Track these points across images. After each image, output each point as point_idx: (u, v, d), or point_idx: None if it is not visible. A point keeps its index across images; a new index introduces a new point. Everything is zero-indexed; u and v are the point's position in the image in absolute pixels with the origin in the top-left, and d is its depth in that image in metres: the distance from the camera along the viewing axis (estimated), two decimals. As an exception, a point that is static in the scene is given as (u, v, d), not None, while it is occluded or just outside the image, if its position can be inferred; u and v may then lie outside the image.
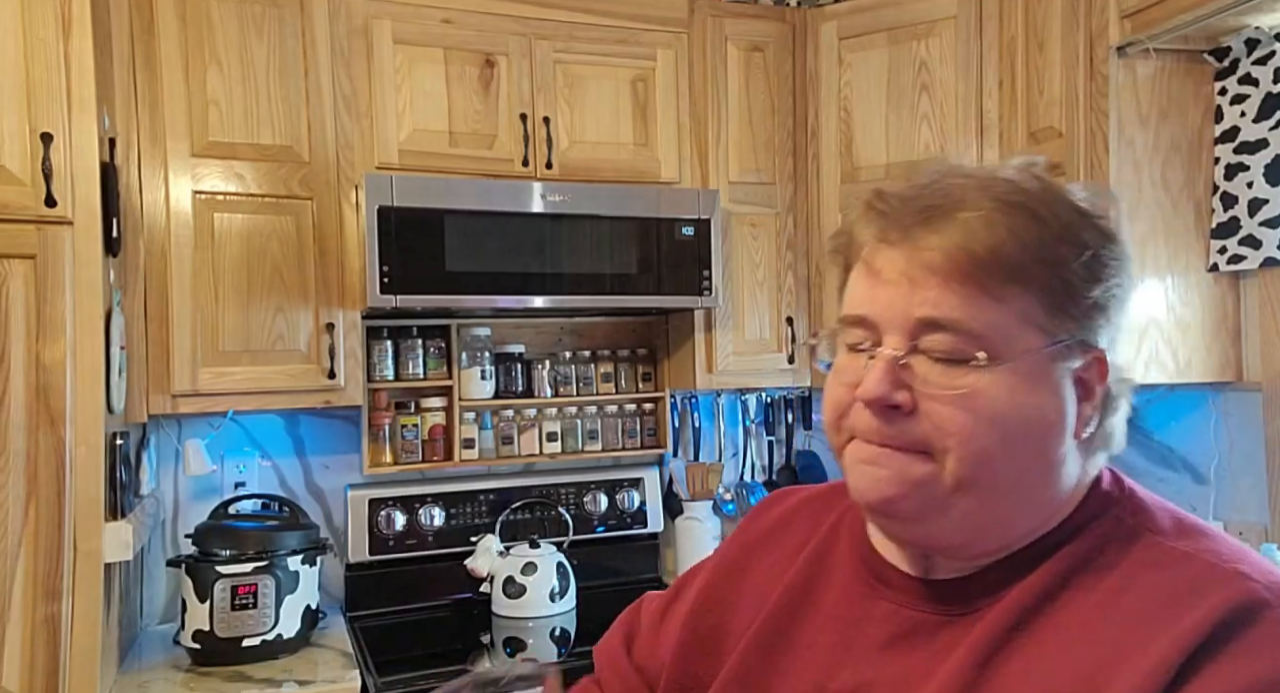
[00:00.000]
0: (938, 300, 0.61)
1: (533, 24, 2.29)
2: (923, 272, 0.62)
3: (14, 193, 1.61)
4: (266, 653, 1.95)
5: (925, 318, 0.61)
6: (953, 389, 0.61)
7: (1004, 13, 2.24)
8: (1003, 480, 0.62)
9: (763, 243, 2.52)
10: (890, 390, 0.62)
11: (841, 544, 0.77)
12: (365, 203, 2.04)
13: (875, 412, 0.63)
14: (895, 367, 0.62)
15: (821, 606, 0.74)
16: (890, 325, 0.63)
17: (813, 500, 0.85)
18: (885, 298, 0.64)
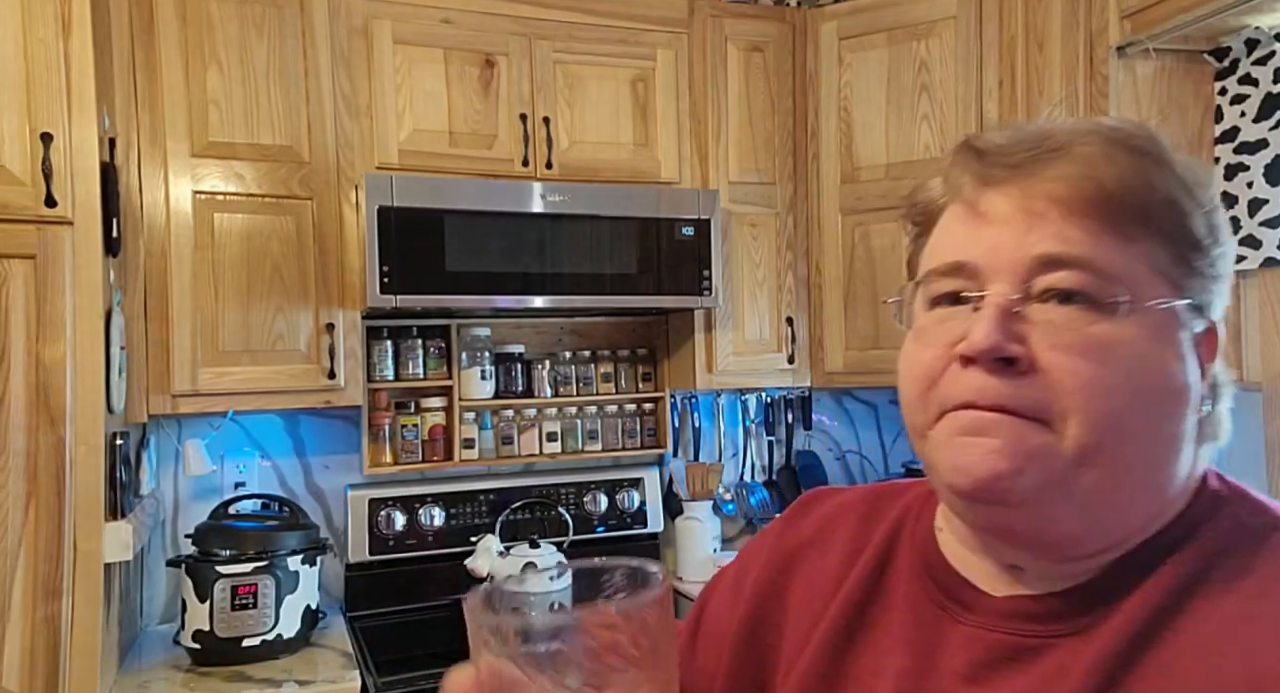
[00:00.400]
0: (1062, 235, 0.53)
1: (532, 24, 2.29)
2: (1043, 203, 0.54)
3: (14, 193, 1.60)
4: (266, 653, 1.95)
5: (1047, 255, 0.53)
6: (1081, 337, 0.52)
7: (1004, 13, 2.24)
8: (1131, 452, 0.53)
9: (763, 243, 2.52)
10: (1004, 340, 0.52)
11: (902, 558, 0.66)
12: (365, 203, 2.04)
13: (986, 367, 0.53)
14: (1008, 314, 0.53)
15: (885, 629, 0.63)
16: (997, 269, 0.54)
17: (856, 506, 0.73)
18: (992, 239, 0.55)
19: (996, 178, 0.56)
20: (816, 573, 0.70)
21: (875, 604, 0.65)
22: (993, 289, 0.54)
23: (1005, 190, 0.55)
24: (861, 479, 2.93)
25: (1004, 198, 0.55)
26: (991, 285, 0.54)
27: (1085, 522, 0.55)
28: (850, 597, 0.66)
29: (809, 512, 0.76)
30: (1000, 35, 2.26)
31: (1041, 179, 0.54)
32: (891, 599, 0.64)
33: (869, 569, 0.67)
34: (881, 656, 0.62)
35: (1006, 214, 0.55)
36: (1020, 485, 0.53)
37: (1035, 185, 0.54)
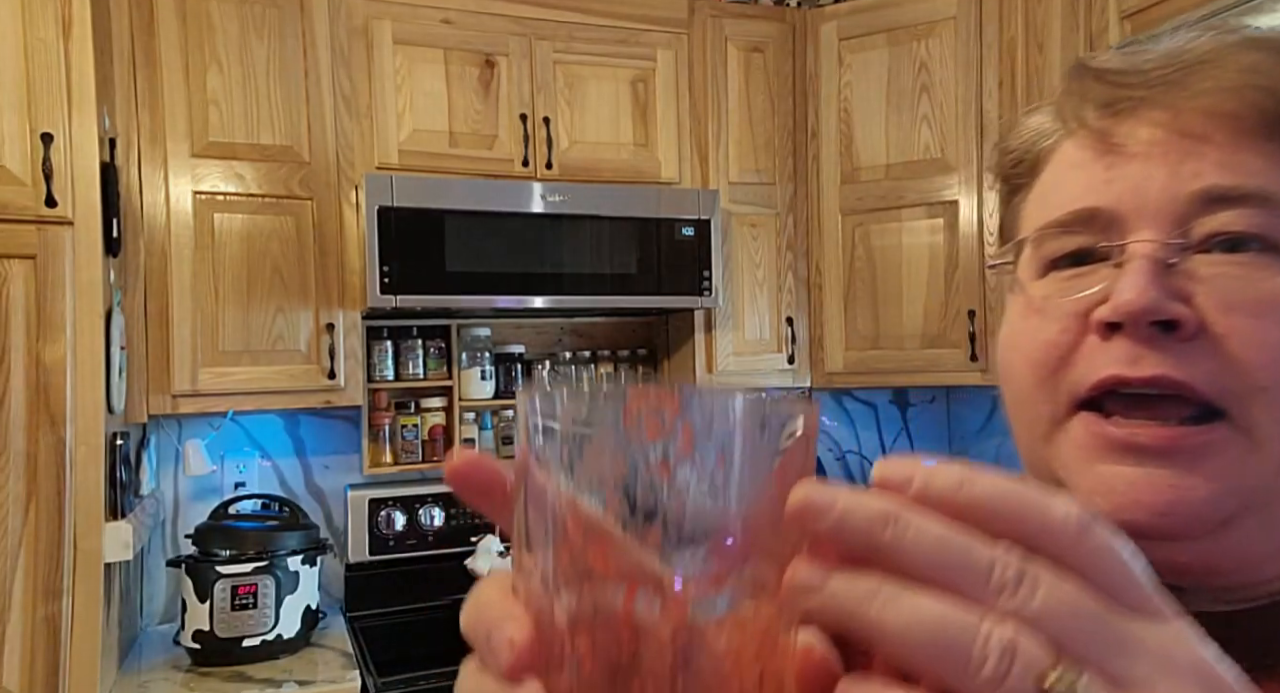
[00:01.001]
0: (1227, 163, 0.40)
1: (533, 24, 2.29)
2: (1203, 122, 0.41)
3: (14, 193, 1.61)
4: (266, 653, 1.95)
5: (1212, 189, 0.40)
6: (1264, 292, 0.39)
7: (1004, 13, 2.24)
8: None
9: (763, 243, 2.52)
10: (1164, 297, 0.39)
11: None
12: (365, 203, 2.04)
13: (1137, 335, 0.40)
14: (1163, 266, 0.40)
15: None
16: (1144, 214, 0.41)
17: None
18: (1134, 176, 0.42)
19: (1132, 100, 0.43)
20: None
21: None
22: (1138, 237, 0.41)
23: (1146, 114, 0.43)
24: (862, 479, 2.93)
25: (1147, 122, 0.43)
26: (1136, 234, 0.41)
27: (1276, 541, 0.41)
28: None
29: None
30: (1000, 35, 2.26)
31: (1197, 92, 0.42)
32: None
33: None
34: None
35: (1152, 142, 0.42)
36: (1202, 514, 0.40)
37: (1189, 99, 0.42)
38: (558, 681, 0.26)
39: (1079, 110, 0.45)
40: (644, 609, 0.25)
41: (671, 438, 0.26)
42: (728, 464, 0.26)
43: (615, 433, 0.26)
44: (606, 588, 0.26)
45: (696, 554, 0.26)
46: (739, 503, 0.26)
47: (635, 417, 0.26)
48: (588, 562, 0.26)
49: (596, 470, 0.26)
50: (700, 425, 0.26)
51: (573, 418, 0.27)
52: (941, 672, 0.23)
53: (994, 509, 0.24)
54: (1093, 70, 0.45)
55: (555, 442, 0.27)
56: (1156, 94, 0.43)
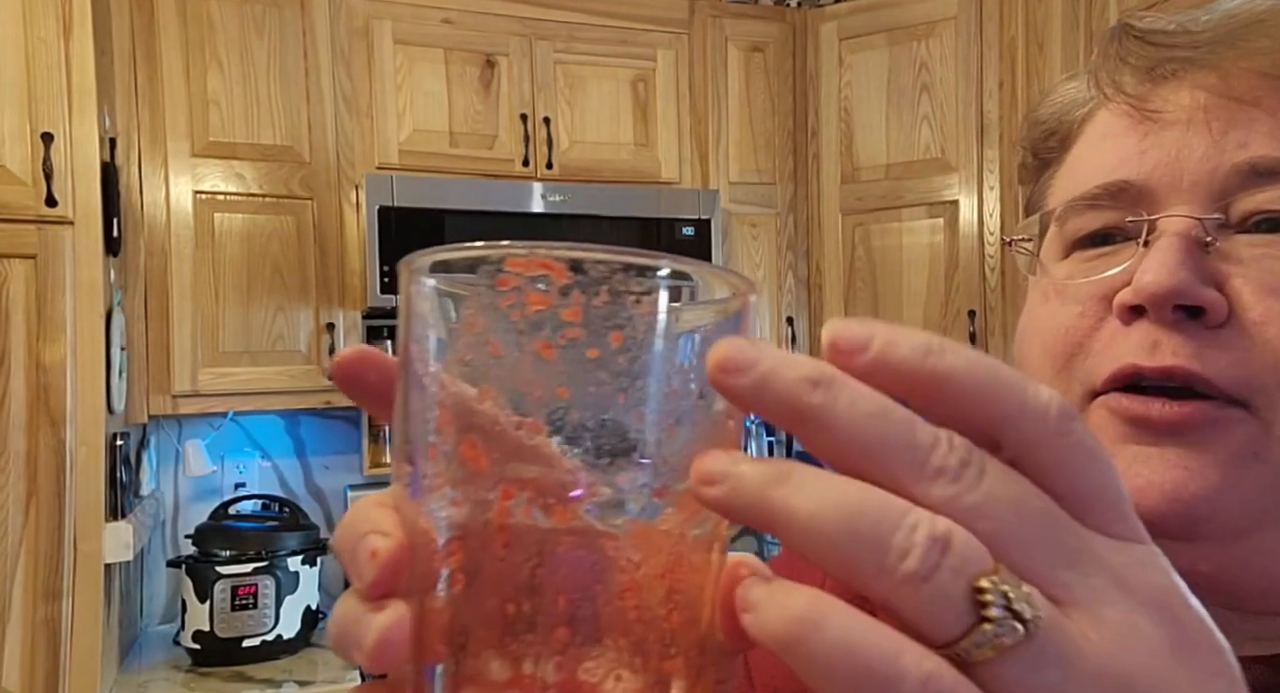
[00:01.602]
0: (1276, 132, 0.36)
1: (533, 24, 2.29)
2: (1252, 83, 0.37)
3: (14, 193, 1.60)
4: (266, 653, 1.95)
5: (1256, 160, 0.36)
6: None
7: (1004, 13, 2.24)
8: None
9: (763, 243, 2.52)
10: (1194, 280, 0.36)
11: None
12: (366, 203, 2.04)
13: (1162, 320, 0.36)
14: (1197, 246, 0.37)
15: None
16: (1180, 188, 0.38)
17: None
18: (1171, 147, 0.38)
19: (1177, 60, 0.39)
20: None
21: None
22: (1171, 212, 0.38)
23: (1191, 76, 0.39)
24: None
25: (1190, 87, 0.39)
26: (1170, 210, 0.38)
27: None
28: None
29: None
30: (1000, 35, 2.26)
31: (1248, 52, 0.37)
32: None
33: None
34: None
35: (1195, 107, 0.38)
36: (1225, 511, 0.36)
37: (1240, 60, 0.37)
38: (430, 600, 0.21)
39: (1116, 75, 0.41)
40: (527, 515, 0.21)
41: (556, 315, 0.21)
42: (634, 349, 0.21)
43: (492, 310, 0.22)
44: (484, 491, 0.21)
45: (600, 458, 0.21)
46: (652, 401, 0.21)
47: (513, 288, 0.21)
48: (463, 460, 0.21)
49: (476, 357, 0.22)
50: (597, 302, 0.21)
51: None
52: (854, 566, 0.18)
53: (964, 386, 0.20)
54: (1135, 30, 0.41)
55: (440, 325, 0.23)
56: (1204, 54, 0.38)
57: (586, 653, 0.21)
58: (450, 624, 0.21)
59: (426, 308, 0.24)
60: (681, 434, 0.21)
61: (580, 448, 0.21)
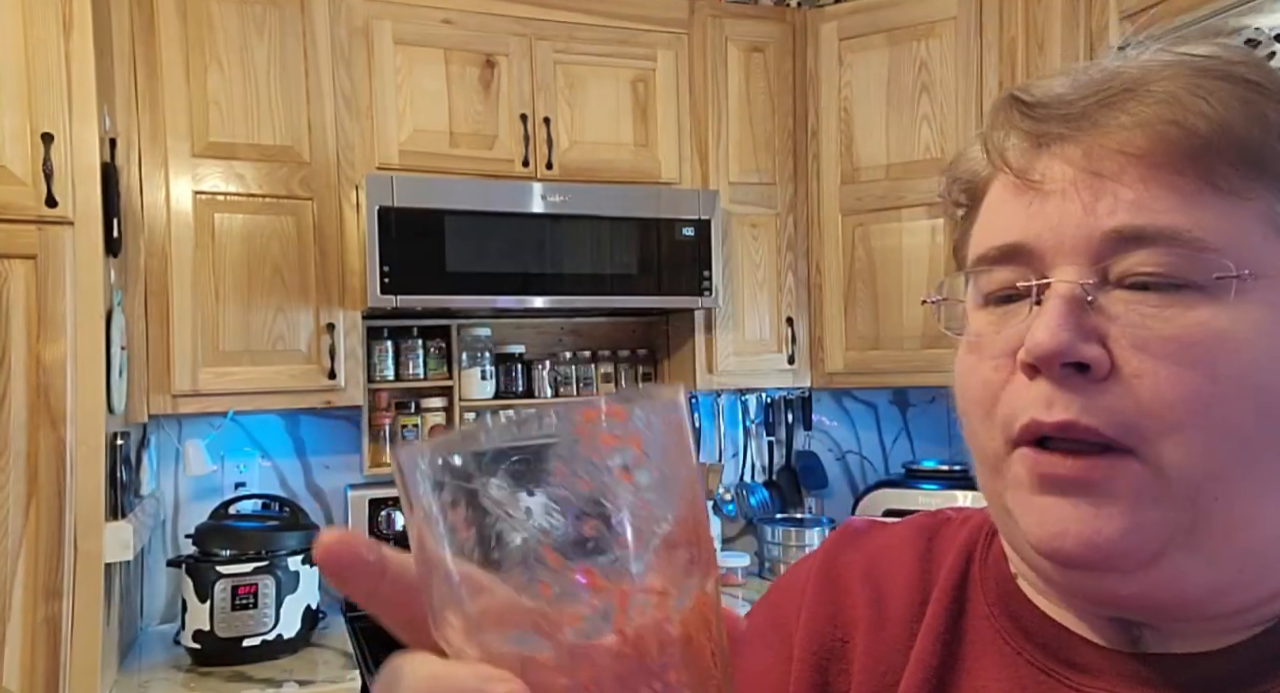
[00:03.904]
0: (1140, 201, 0.41)
1: (533, 24, 2.29)
2: (1114, 160, 0.41)
3: (14, 193, 1.61)
4: (267, 653, 1.95)
5: (1122, 228, 0.41)
6: (1177, 330, 0.40)
7: (1004, 13, 2.25)
8: (1266, 478, 0.41)
9: (763, 243, 2.52)
10: (1075, 338, 0.40)
11: (976, 609, 0.52)
12: (365, 203, 2.04)
13: (1054, 377, 0.41)
14: (1080, 306, 0.41)
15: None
16: (1062, 250, 0.42)
17: (911, 542, 0.59)
18: (1052, 213, 0.43)
19: (1051, 135, 0.44)
20: (879, 625, 0.55)
21: (955, 670, 0.51)
22: (1057, 274, 0.42)
23: (1063, 150, 0.43)
24: (861, 480, 2.93)
25: (1062, 159, 0.43)
26: (1056, 271, 0.42)
27: (1222, 573, 0.42)
28: (926, 661, 0.51)
29: (853, 547, 0.61)
30: (1000, 35, 2.26)
31: (1109, 129, 0.42)
32: (975, 664, 0.50)
33: (942, 625, 0.52)
34: None
35: (1069, 178, 0.43)
36: (1134, 548, 0.41)
37: (1102, 137, 0.42)
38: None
39: (1002, 146, 0.46)
40: (626, 621, 0.26)
41: (625, 446, 0.27)
42: (669, 462, 0.27)
43: (570, 449, 0.26)
44: (590, 618, 0.26)
45: (653, 554, 0.27)
46: (678, 497, 0.27)
47: (590, 430, 0.27)
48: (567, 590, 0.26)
49: (555, 492, 0.26)
50: (645, 431, 0.27)
51: (475, 462, 0.27)
52: None
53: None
54: (1019, 102, 0.45)
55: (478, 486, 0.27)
56: (1072, 130, 0.43)
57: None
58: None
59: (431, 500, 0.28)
60: (692, 518, 0.28)
61: (648, 553, 0.27)
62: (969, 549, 0.56)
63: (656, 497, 0.27)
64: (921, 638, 0.52)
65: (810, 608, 0.58)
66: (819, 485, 2.86)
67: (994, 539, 0.55)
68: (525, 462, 0.26)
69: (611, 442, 0.27)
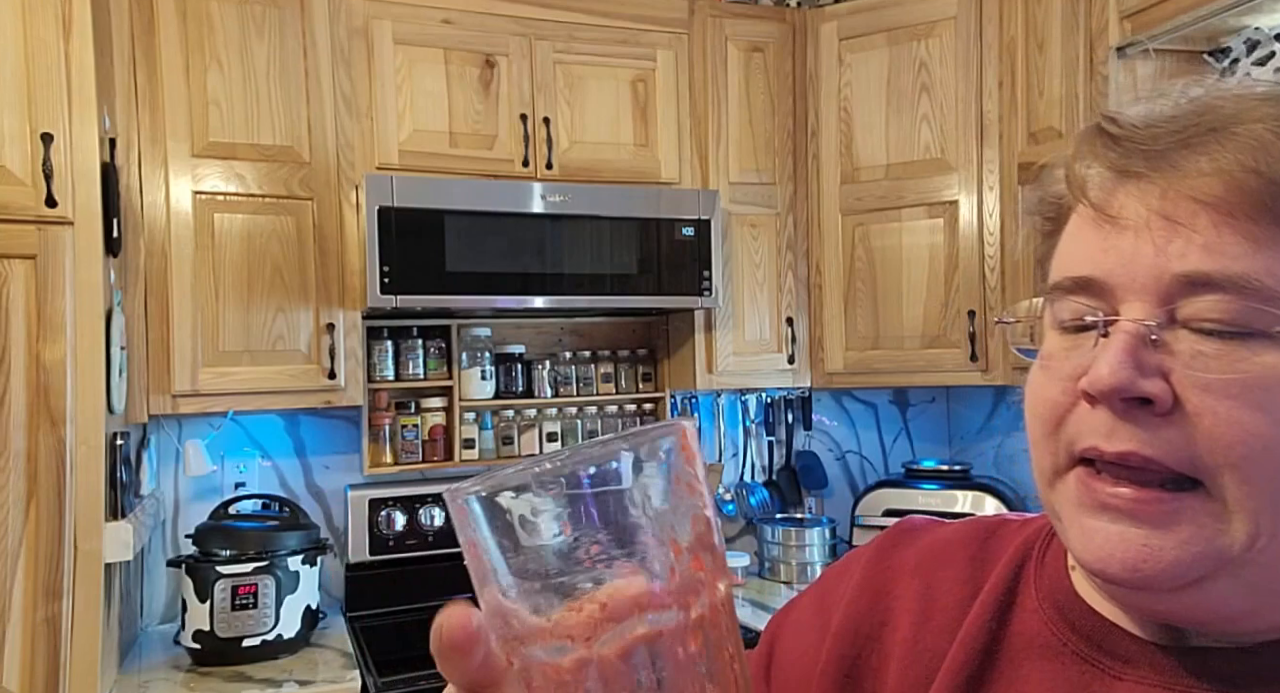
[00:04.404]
0: (1212, 246, 0.42)
1: (533, 24, 2.29)
2: (1188, 206, 0.43)
3: (14, 193, 1.61)
4: (267, 653, 1.95)
5: (1192, 273, 0.42)
6: (1241, 375, 0.41)
7: (1004, 13, 2.24)
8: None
9: (763, 243, 2.52)
10: (1135, 376, 0.42)
11: (1027, 603, 0.55)
12: (365, 203, 2.04)
13: (1114, 409, 0.43)
14: (1143, 343, 0.43)
15: (1017, 686, 0.52)
16: (1132, 288, 0.44)
17: (965, 543, 0.62)
18: (1126, 250, 0.44)
19: (1135, 170, 0.45)
20: (925, 612, 0.59)
21: (1000, 656, 0.54)
22: (1125, 311, 0.44)
23: (1142, 186, 0.44)
24: (861, 480, 2.93)
25: (1140, 198, 0.44)
26: (1126, 307, 0.44)
27: (1259, 598, 0.44)
28: (969, 645, 0.55)
29: (907, 542, 0.64)
30: (1000, 35, 2.26)
31: (1188, 173, 0.43)
32: (1020, 651, 0.53)
33: (990, 614, 0.55)
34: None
35: (1143, 218, 0.44)
36: (1171, 572, 0.43)
37: (1180, 181, 0.43)
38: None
39: (1083, 177, 0.47)
40: (665, 622, 0.32)
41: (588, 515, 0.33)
42: (650, 498, 0.33)
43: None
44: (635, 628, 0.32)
45: (671, 567, 0.33)
46: (663, 523, 0.33)
47: (572, 526, 0.32)
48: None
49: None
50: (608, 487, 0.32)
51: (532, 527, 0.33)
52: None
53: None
54: (1106, 133, 0.46)
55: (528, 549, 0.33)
56: (1154, 168, 0.44)
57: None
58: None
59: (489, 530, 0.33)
60: (693, 532, 0.34)
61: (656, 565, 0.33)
62: (1027, 548, 0.58)
63: (675, 518, 0.33)
64: (968, 625, 0.55)
65: (854, 591, 0.62)
66: (819, 485, 2.86)
67: (1053, 539, 0.57)
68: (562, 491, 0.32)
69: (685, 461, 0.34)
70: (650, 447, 0.33)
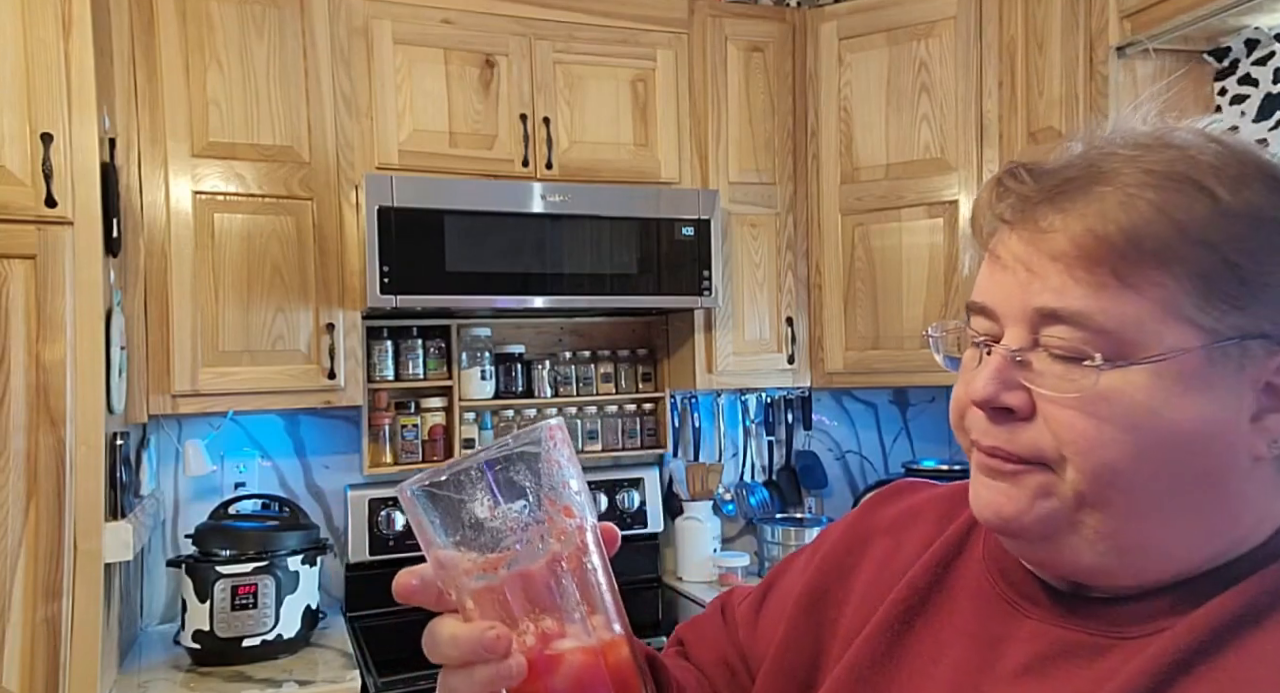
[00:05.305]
0: (1059, 288, 0.53)
1: (533, 24, 2.29)
2: (1042, 258, 0.54)
3: (14, 193, 1.61)
4: (266, 653, 1.95)
5: (1044, 308, 0.54)
6: (1071, 391, 0.53)
7: (1004, 13, 2.24)
8: (1141, 500, 0.53)
9: (763, 243, 2.52)
10: (999, 391, 0.55)
11: (974, 552, 0.67)
12: (365, 203, 2.04)
13: (987, 414, 0.56)
14: (1010, 364, 0.55)
15: (947, 617, 0.64)
16: (1010, 316, 0.56)
17: (939, 501, 0.75)
18: (1005, 285, 0.56)
19: (1011, 220, 0.56)
20: (888, 561, 0.71)
21: (939, 593, 0.66)
22: (1007, 336, 0.56)
23: (1014, 238, 0.56)
24: (861, 479, 2.93)
25: (1012, 245, 0.56)
26: (1008, 331, 0.56)
27: (1104, 558, 0.55)
28: (914, 583, 0.66)
29: (894, 501, 0.77)
30: (1000, 35, 2.26)
31: (1044, 231, 0.54)
32: (957, 591, 0.65)
33: (936, 559, 0.68)
34: (941, 645, 0.63)
35: (1013, 263, 0.56)
36: (1027, 523, 0.56)
37: (1038, 238, 0.54)
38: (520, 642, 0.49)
39: (985, 217, 0.59)
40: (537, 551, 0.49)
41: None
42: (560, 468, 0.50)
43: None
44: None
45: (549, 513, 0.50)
46: (540, 487, 0.50)
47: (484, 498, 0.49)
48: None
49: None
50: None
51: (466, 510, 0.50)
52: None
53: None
54: (1003, 185, 0.58)
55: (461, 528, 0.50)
56: (1023, 220, 0.56)
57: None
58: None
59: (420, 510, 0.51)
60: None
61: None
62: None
63: (550, 483, 0.50)
64: (916, 568, 0.68)
65: (838, 537, 0.77)
66: (819, 485, 2.86)
67: None
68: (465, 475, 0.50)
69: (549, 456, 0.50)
70: (528, 438, 0.49)
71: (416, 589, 0.51)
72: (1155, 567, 0.56)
